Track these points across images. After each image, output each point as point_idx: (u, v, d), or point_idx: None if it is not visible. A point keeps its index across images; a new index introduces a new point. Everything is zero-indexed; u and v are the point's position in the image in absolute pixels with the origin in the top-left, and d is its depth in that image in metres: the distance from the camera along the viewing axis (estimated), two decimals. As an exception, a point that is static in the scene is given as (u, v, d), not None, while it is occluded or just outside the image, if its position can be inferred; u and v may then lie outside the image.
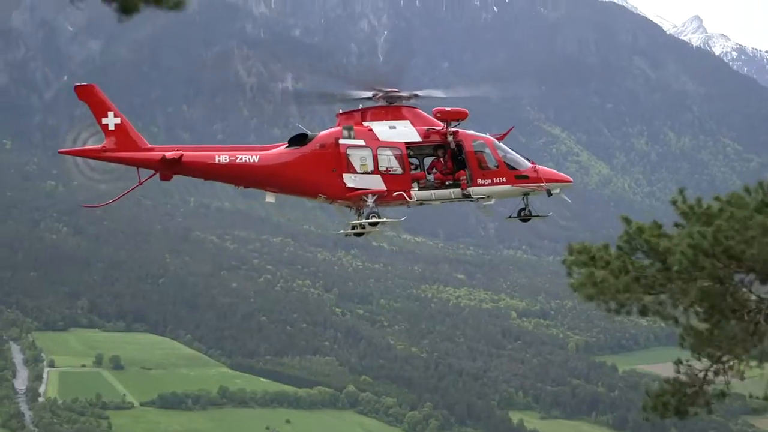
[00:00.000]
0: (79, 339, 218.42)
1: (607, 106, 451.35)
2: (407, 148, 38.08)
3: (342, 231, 38.73)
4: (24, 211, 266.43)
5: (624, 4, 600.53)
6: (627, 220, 20.69)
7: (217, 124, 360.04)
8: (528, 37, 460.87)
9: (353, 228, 37.89)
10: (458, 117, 38.32)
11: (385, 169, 37.73)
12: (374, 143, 37.86)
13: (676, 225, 20.34)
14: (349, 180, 37.56)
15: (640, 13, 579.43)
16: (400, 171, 37.73)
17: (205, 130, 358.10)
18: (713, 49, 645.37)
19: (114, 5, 13.77)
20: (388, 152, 37.79)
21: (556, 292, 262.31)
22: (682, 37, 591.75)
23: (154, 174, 38.02)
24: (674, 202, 20.73)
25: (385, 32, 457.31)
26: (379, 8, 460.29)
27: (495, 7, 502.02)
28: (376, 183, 37.69)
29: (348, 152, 37.78)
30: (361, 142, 37.93)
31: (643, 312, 20.59)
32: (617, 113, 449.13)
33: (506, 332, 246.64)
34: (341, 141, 37.87)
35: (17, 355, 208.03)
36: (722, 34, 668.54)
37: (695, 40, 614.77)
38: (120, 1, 13.52)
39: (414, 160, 38.37)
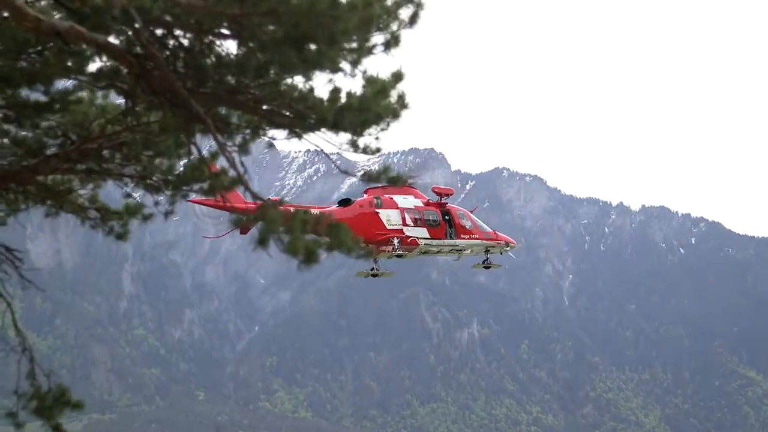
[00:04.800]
0: None
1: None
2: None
3: (364, 270, 56.71)
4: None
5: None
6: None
7: (404, 371, 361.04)
8: (716, 278, 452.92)
9: (371, 269, 56.71)
10: (448, 193, 58.55)
11: (409, 222, 55.84)
12: (399, 207, 56.08)
13: None
14: (388, 224, 55.47)
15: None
16: (413, 224, 55.91)
17: (392, 377, 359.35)
18: None
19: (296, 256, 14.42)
20: (410, 213, 56.13)
21: None
22: None
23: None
24: None
25: (570, 276, 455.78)
26: (564, 252, 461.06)
27: (681, 249, 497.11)
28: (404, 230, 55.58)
29: (382, 212, 55.63)
30: (393, 207, 55.97)
31: None
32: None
33: None
34: (376, 207, 55.55)
35: None
36: None
37: None
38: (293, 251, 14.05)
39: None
